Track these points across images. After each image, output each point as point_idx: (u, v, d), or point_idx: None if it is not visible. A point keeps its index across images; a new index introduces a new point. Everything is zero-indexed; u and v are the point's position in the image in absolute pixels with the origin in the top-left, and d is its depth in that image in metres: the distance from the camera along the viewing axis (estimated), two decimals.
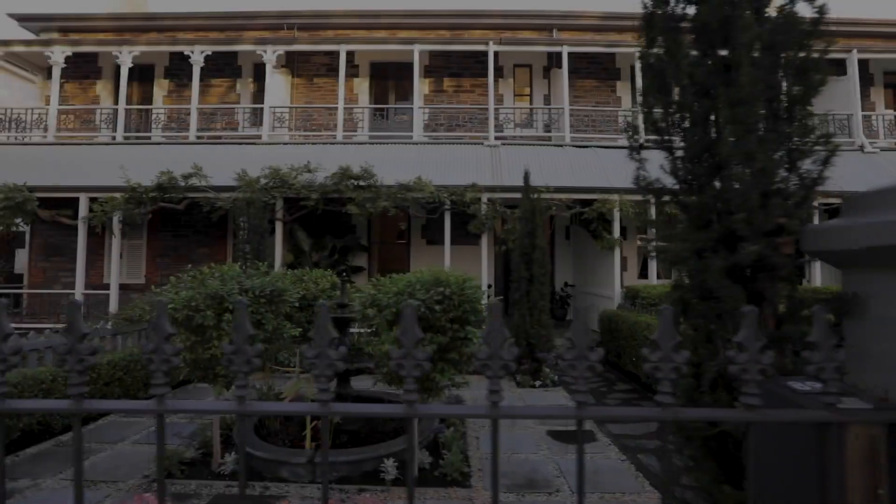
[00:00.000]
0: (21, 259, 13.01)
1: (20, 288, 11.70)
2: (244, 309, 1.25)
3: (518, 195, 9.34)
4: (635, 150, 2.15)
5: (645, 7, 2.17)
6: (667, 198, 2.21)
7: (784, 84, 1.73)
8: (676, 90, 2.11)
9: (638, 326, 6.85)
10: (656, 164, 2.32)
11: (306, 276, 5.51)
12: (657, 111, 2.23)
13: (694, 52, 2.01)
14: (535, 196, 7.53)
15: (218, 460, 4.09)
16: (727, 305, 1.65)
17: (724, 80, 1.78)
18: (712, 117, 1.93)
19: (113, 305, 9.48)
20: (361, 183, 8.92)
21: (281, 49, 11.61)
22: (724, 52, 1.96)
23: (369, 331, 4.38)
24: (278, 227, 9.68)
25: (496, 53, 11.85)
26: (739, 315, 1.76)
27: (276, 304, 4.07)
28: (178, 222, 12.17)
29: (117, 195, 9.05)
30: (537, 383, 6.98)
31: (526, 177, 7.69)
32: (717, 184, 1.96)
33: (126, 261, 11.77)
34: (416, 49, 11.57)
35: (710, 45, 1.84)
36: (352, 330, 5.63)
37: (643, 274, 12.24)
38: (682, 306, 2.07)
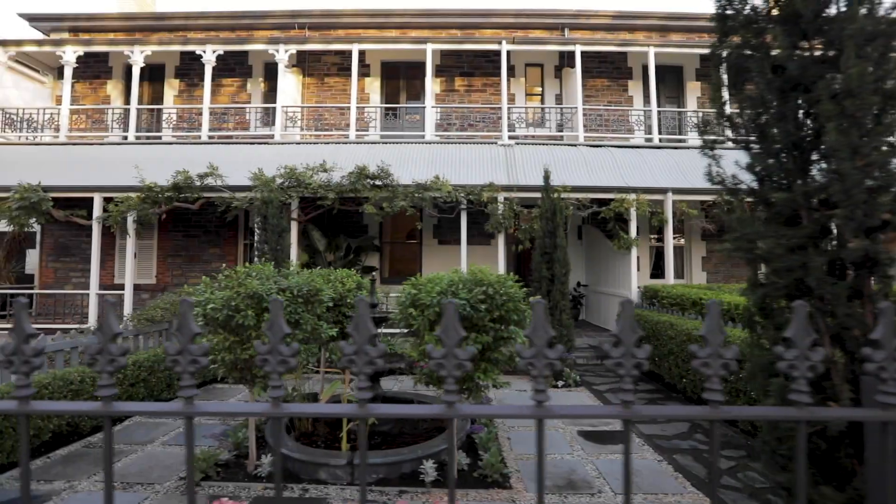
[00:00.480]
0: (32, 260, 12.97)
1: (31, 288, 11.65)
2: (367, 308, 1.20)
3: (534, 195, 9.32)
4: (708, 146, 2.10)
5: (718, 1, 2.13)
6: (742, 196, 2.17)
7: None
8: (751, 86, 2.07)
9: (661, 326, 6.81)
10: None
11: (333, 276, 5.47)
12: (732, 109, 2.18)
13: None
14: (556, 195, 7.48)
15: (254, 462, 4.05)
16: (830, 303, 1.61)
17: (818, 73, 1.74)
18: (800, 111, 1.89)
19: (128, 306, 9.43)
20: (378, 182, 8.88)
21: (294, 48, 11.58)
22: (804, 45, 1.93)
23: (405, 331, 4.34)
24: (293, 226, 9.63)
25: (508, 53, 11.82)
26: (843, 312, 1.71)
27: (311, 303, 4.03)
28: (189, 222, 12.15)
29: (133, 195, 9.00)
30: (560, 383, 6.94)
31: (546, 176, 7.65)
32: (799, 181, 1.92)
33: (137, 261, 11.72)
34: (429, 48, 11.53)
35: (801, 37, 1.80)
36: (381, 330, 5.60)
37: (654, 274, 12.22)
38: (761, 305, 2.03)
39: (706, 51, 12.01)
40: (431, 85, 11.74)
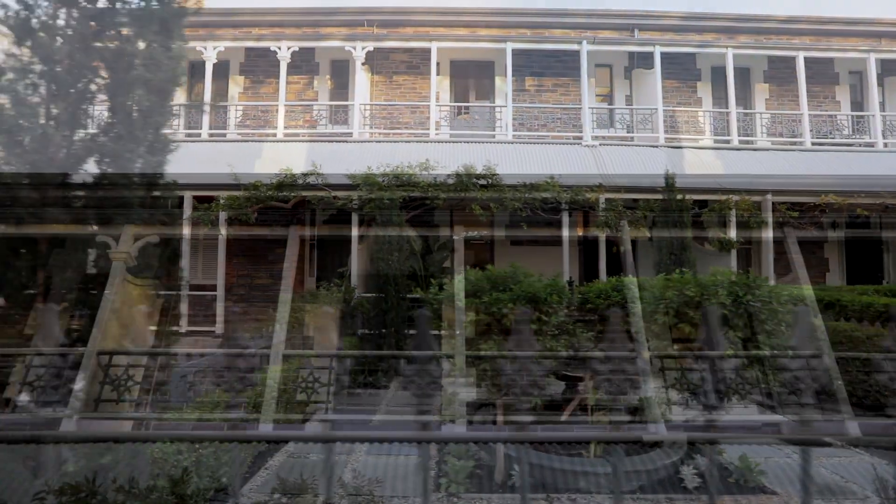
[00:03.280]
0: None
1: None
2: None
3: (633, 195, 9.29)
4: None
5: None
6: None
7: None
8: None
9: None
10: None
11: None
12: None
13: None
14: (682, 197, 7.44)
15: (502, 471, 3.91)
16: None
17: None
18: None
19: (220, 305, 9.19)
20: (483, 182, 8.76)
21: (371, 45, 11.40)
22: None
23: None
24: None
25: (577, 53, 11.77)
26: None
27: None
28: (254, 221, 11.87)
29: (236, 193, 8.77)
30: None
31: (669, 179, 7.61)
32: None
33: (203, 261, 11.46)
34: (509, 47, 11.47)
35: None
36: None
37: None
38: None
39: (778, 52, 12.07)
40: (510, 84, 11.65)
